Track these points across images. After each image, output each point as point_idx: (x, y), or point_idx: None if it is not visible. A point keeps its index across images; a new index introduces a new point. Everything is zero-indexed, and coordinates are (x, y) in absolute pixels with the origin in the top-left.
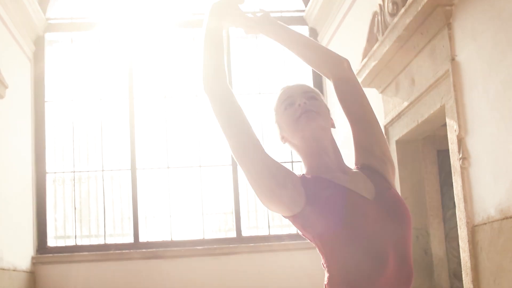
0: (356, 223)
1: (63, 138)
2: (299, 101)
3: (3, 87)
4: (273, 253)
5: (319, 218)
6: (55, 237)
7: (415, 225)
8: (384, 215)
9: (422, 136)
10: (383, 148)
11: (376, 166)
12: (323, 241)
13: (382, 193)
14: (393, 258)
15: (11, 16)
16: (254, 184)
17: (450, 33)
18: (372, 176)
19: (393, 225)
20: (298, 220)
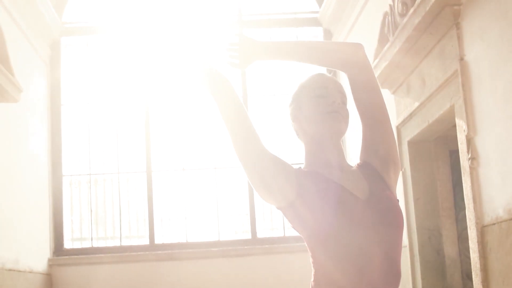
0: (343, 221)
1: (79, 141)
2: (334, 98)
3: (18, 91)
4: (289, 254)
5: (307, 212)
6: (72, 239)
7: (427, 226)
8: (375, 216)
9: (434, 136)
10: (389, 148)
11: (376, 165)
12: (309, 236)
13: (376, 194)
14: (379, 259)
15: (27, 21)
16: (248, 174)
17: (459, 33)
18: (369, 176)
19: (383, 226)
20: (288, 212)
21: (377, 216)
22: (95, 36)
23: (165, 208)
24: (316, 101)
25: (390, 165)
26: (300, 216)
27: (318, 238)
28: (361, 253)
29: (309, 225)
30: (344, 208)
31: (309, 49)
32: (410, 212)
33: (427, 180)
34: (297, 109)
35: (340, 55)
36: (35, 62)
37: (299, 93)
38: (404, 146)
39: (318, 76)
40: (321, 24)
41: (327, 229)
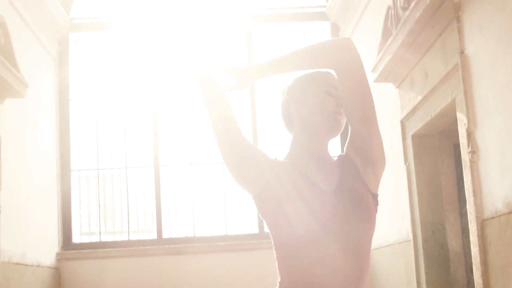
0: (302, 212)
1: (87, 136)
2: (339, 100)
3: (24, 87)
4: None
5: (271, 202)
6: (80, 234)
7: (431, 220)
8: (338, 208)
9: (437, 130)
10: (369, 149)
11: (355, 160)
12: (270, 226)
13: (344, 186)
14: (339, 250)
15: (35, 17)
16: (225, 161)
17: (459, 26)
18: (345, 168)
19: (346, 219)
20: (256, 201)
21: (340, 209)
22: (103, 32)
23: (172, 203)
24: (324, 97)
25: (368, 164)
26: (265, 206)
27: (276, 228)
28: (318, 244)
29: (271, 215)
30: (305, 200)
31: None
32: (414, 206)
33: (431, 174)
34: (302, 95)
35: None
36: (43, 58)
37: (307, 83)
38: (408, 140)
39: (328, 74)
40: (329, 18)
41: (285, 219)
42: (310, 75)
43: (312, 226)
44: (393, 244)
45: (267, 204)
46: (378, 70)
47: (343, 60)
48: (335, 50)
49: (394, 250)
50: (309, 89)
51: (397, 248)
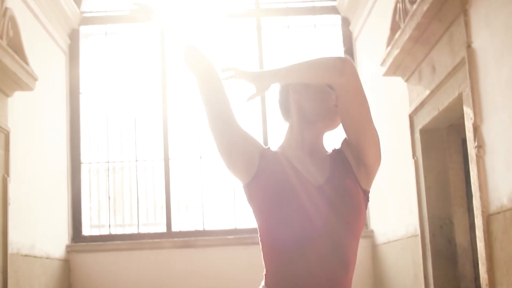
0: (287, 204)
1: (97, 129)
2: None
3: (33, 80)
4: None
5: (258, 192)
6: (90, 226)
7: (439, 215)
8: (324, 203)
9: (445, 124)
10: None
11: (349, 157)
12: (256, 216)
13: (333, 181)
14: (325, 244)
15: (45, 12)
16: (218, 148)
17: (466, 19)
18: (336, 163)
19: (332, 213)
20: (245, 190)
21: (327, 203)
22: (113, 25)
23: (182, 196)
24: (325, 89)
25: (362, 165)
26: (253, 195)
27: (262, 219)
28: (303, 237)
29: (258, 205)
30: (293, 192)
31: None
32: (421, 201)
33: (439, 168)
34: (302, 85)
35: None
36: (54, 51)
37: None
38: (416, 134)
39: None
40: (339, 12)
41: (271, 211)
42: None
43: (298, 218)
44: (402, 238)
45: (255, 194)
46: (387, 64)
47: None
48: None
49: (403, 245)
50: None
51: (405, 242)
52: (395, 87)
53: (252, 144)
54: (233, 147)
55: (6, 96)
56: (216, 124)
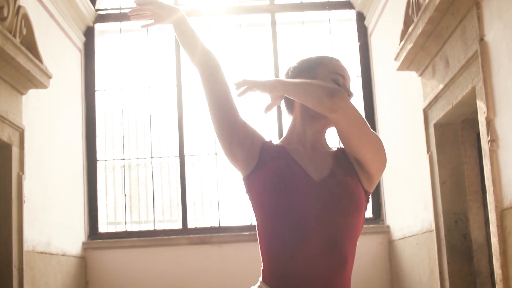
0: (286, 199)
1: (113, 127)
2: (346, 90)
3: (47, 77)
4: None
5: (257, 185)
6: (106, 223)
7: (454, 210)
8: (325, 198)
9: (460, 119)
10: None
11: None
12: (255, 209)
13: (335, 177)
14: (322, 240)
15: (60, 10)
16: (219, 140)
17: (479, 12)
18: (339, 160)
19: (332, 210)
20: (245, 183)
21: (327, 199)
22: (128, 22)
23: (197, 193)
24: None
25: (364, 171)
26: (252, 188)
27: (260, 212)
28: (300, 232)
29: (257, 198)
30: (292, 187)
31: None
32: (436, 196)
33: (454, 163)
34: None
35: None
36: (69, 49)
37: (315, 66)
38: (430, 129)
39: (338, 61)
40: (354, 7)
41: (270, 204)
42: (317, 59)
43: (296, 213)
44: (417, 234)
45: (254, 187)
46: (400, 59)
47: (328, 116)
48: (320, 106)
49: (418, 240)
50: (316, 75)
51: (421, 238)
52: (410, 82)
53: (254, 136)
54: (234, 138)
55: (21, 94)
56: (218, 115)
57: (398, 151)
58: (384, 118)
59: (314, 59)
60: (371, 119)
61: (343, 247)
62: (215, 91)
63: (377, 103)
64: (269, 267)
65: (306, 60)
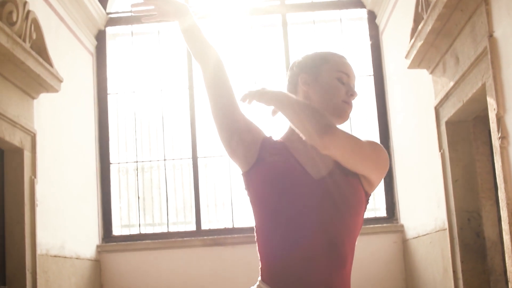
0: (283, 196)
1: (125, 129)
2: (350, 88)
3: (58, 81)
4: None
5: (255, 181)
6: (120, 226)
7: (467, 208)
8: (324, 196)
9: (471, 116)
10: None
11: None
12: (253, 206)
13: (334, 176)
14: (317, 238)
15: (71, 14)
16: (219, 135)
17: (488, 8)
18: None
19: (331, 208)
20: (244, 178)
21: (325, 197)
22: (139, 25)
23: (211, 194)
24: (335, 83)
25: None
26: (251, 184)
27: (258, 208)
28: (296, 230)
29: (255, 194)
30: (291, 184)
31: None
32: (449, 194)
33: (466, 161)
34: (312, 77)
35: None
36: (81, 53)
37: (320, 64)
38: (442, 126)
39: (343, 59)
40: (365, 6)
41: (267, 201)
42: (322, 55)
43: (293, 211)
44: (431, 232)
45: (252, 183)
46: (411, 57)
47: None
48: (313, 141)
49: (432, 239)
50: (320, 72)
51: (434, 236)
52: (421, 80)
53: (254, 132)
54: (234, 133)
55: (32, 98)
56: (218, 109)
57: (411, 149)
58: (397, 116)
59: (319, 56)
60: (384, 118)
61: (342, 246)
62: (216, 86)
63: (389, 102)
64: (267, 265)
65: (311, 56)
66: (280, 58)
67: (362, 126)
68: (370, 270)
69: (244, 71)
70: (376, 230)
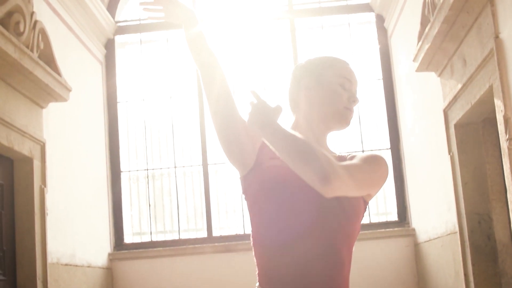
0: (280, 200)
1: (136, 137)
2: (352, 94)
3: (66, 90)
4: None
5: (253, 185)
6: (132, 234)
7: (477, 211)
8: (321, 202)
9: (480, 118)
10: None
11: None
12: (250, 210)
13: None
14: (314, 244)
15: (80, 23)
16: (219, 138)
17: (493, 10)
18: None
19: (328, 214)
20: (242, 183)
21: (324, 204)
22: (148, 33)
23: (221, 200)
24: (338, 89)
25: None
26: (248, 188)
27: (254, 213)
28: (292, 234)
29: (252, 199)
30: (286, 188)
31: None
32: (459, 197)
33: (476, 163)
34: (314, 82)
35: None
36: (90, 62)
37: (322, 70)
38: (451, 129)
39: (345, 64)
40: (373, 10)
41: (264, 206)
42: (325, 60)
43: (289, 215)
44: (442, 236)
45: (250, 187)
46: (419, 59)
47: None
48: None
49: (443, 242)
50: (323, 77)
51: (445, 240)
52: (430, 83)
53: (253, 135)
54: (233, 137)
55: (41, 108)
56: (217, 114)
57: (422, 153)
58: (407, 120)
59: (322, 60)
60: (394, 122)
61: (339, 252)
62: (216, 89)
63: (399, 105)
64: (264, 270)
65: (314, 61)
66: (289, 63)
67: (372, 131)
68: (382, 275)
69: (253, 76)
70: (387, 234)
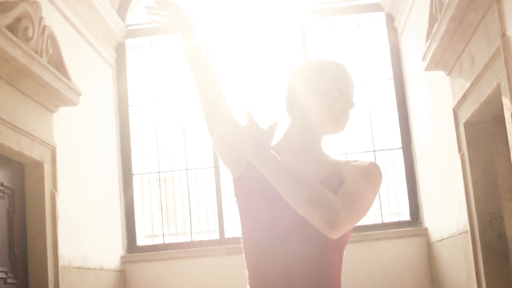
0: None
1: (147, 140)
2: (349, 98)
3: (76, 95)
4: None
5: (245, 188)
6: (144, 236)
7: (488, 209)
8: None
9: (489, 117)
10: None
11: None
12: (240, 212)
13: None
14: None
15: (90, 28)
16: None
17: (500, 8)
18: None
19: None
20: (234, 183)
21: None
22: (158, 36)
23: (233, 202)
24: (335, 94)
25: None
26: (239, 190)
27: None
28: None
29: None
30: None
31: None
32: (469, 196)
33: (486, 162)
34: (311, 86)
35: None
36: (101, 66)
37: (318, 74)
38: (460, 128)
39: (342, 68)
40: (383, 9)
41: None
42: (323, 64)
43: (278, 220)
44: (453, 235)
45: (241, 189)
46: (427, 59)
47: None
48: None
49: (455, 242)
50: (320, 82)
51: (457, 239)
52: (439, 82)
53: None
54: (227, 140)
55: (51, 112)
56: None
57: (433, 152)
58: (418, 119)
59: (320, 64)
60: (405, 122)
61: (329, 255)
62: (208, 92)
63: (409, 104)
64: (254, 271)
65: (312, 64)
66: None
67: (383, 130)
68: (395, 274)
69: (262, 78)
70: (400, 234)
